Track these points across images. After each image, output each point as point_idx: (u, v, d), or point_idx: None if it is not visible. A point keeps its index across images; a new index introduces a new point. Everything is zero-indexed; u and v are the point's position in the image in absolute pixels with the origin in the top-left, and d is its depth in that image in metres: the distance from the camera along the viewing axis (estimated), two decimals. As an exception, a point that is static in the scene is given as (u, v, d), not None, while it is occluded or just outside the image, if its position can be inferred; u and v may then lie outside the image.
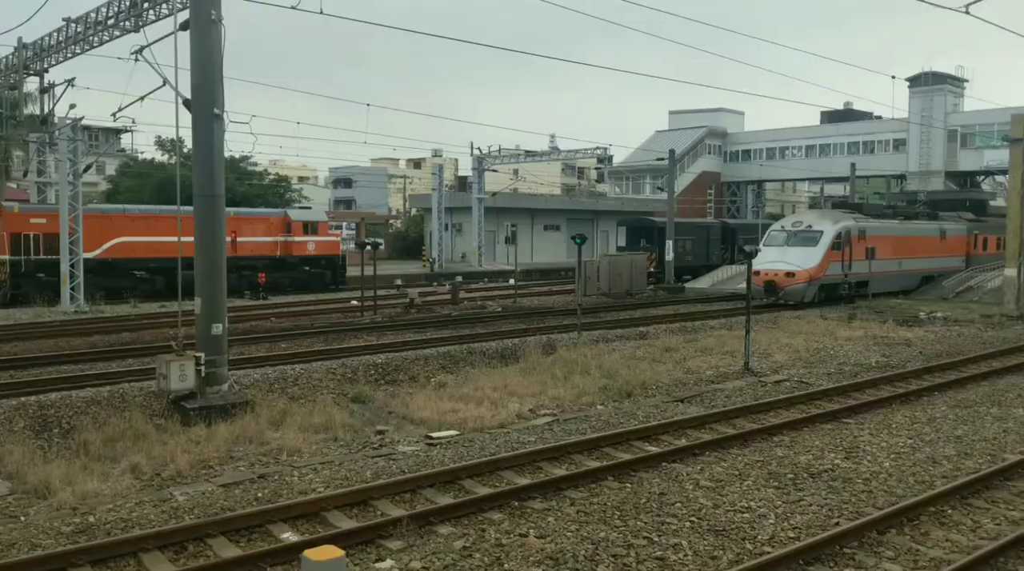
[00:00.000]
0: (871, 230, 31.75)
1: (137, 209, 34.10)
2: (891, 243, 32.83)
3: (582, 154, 50.50)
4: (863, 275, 31.02)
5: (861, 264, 30.71)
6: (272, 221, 36.42)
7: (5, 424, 11.46)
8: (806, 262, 28.58)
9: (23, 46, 21.78)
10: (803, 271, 28.52)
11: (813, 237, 29.48)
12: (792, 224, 31.38)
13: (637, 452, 10.87)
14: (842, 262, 29.89)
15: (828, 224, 30.27)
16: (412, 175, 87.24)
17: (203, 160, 13.31)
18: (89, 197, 37.79)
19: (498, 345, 18.67)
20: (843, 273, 30.05)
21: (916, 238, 34.91)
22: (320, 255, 37.21)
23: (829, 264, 29.35)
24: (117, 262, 31.22)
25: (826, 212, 34.54)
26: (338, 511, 8.56)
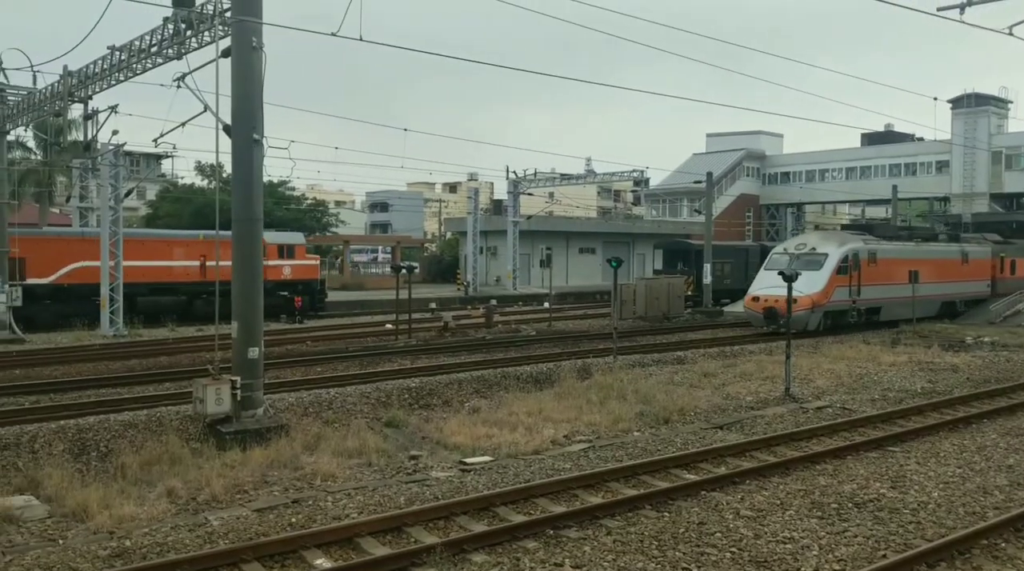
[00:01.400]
0: (883, 252, 29.64)
1: (96, 232, 31.08)
2: (905, 266, 30.31)
3: (618, 177, 50.39)
4: (874, 301, 29.01)
5: (871, 289, 28.62)
6: None
7: (45, 447, 11.58)
8: (809, 287, 26.20)
9: (68, 74, 22.31)
10: (805, 297, 26.07)
11: (817, 260, 27.36)
12: (795, 246, 29.31)
13: (675, 480, 10.65)
14: (849, 287, 27.70)
15: (833, 246, 28.24)
16: (448, 199, 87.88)
17: (242, 185, 13.46)
18: (130, 222, 38.30)
19: (532, 369, 18.52)
20: (851, 299, 27.87)
21: (934, 261, 32.47)
22: (296, 280, 34.92)
23: (835, 289, 27.22)
24: (75, 288, 29.26)
25: (831, 233, 32.62)
26: (371, 537, 8.49)
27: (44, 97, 24.19)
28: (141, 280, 29.97)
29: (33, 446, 11.59)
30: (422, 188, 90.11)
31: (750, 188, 69.44)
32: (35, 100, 24.72)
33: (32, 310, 27.81)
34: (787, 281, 18.43)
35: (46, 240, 29.85)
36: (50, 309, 28.51)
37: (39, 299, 28.37)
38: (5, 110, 25.81)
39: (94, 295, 28.83)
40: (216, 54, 13.68)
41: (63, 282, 29.32)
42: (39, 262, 28.37)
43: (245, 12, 13.21)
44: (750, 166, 69.62)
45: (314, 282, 36.29)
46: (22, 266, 27.84)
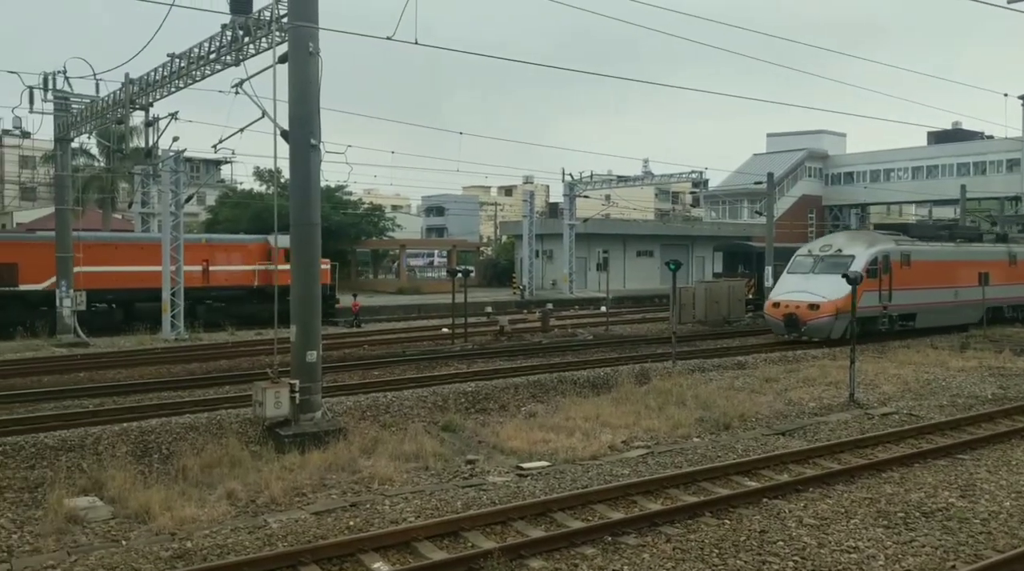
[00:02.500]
0: (917, 254, 27.36)
1: (94, 236, 31.36)
2: (944, 269, 28.15)
3: (676, 178, 49.67)
4: (908, 307, 26.69)
5: (905, 294, 26.37)
6: (251, 248, 33.13)
7: (108, 449, 11.83)
8: (833, 292, 24.10)
9: (130, 81, 22.83)
10: (828, 302, 24.25)
11: (843, 263, 25.08)
12: (820, 248, 27.09)
13: (736, 487, 10.42)
14: (879, 292, 25.46)
15: (861, 247, 26.08)
16: (503, 202, 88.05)
17: (300, 190, 13.59)
18: (190, 227, 38.98)
19: (589, 374, 18.32)
20: (881, 305, 25.62)
21: (977, 263, 29.81)
22: None
23: (862, 294, 24.16)
24: None
25: (860, 233, 30.23)
26: (429, 542, 8.46)
27: (107, 105, 24.79)
28: (142, 286, 29.14)
29: (97, 448, 11.86)
30: (477, 191, 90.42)
31: (812, 189, 68.00)
32: (98, 108, 25.30)
33: (25, 316, 27.10)
34: (851, 283, 17.73)
35: (40, 245, 28.66)
36: (45, 316, 27.46)
37: (33, 306, 27.54)
38: (69, 118, 26.52)
39: (91, 301, 28.16)
40: (273, 60, 13.88)
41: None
42: (32, 268, 27.48)
43: (302, 17, 13.35)
44: (812, 166, 68.18)
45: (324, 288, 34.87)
46: (14, 272, 27.13)
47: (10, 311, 27.30)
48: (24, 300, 27.70)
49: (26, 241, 29.51)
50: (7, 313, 27.25)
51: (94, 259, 28.52)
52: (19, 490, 10.44)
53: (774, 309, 25.74)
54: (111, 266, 29.24)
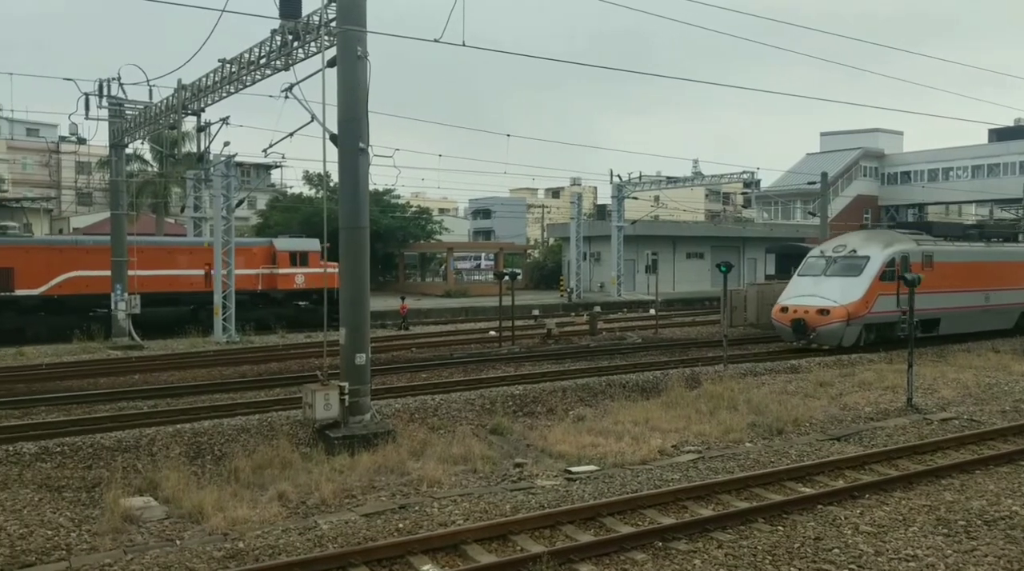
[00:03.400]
0: (940, 255, 25.31)
1: (92, 240, 30.95)
2: (971, 271, 26.03)
3: (727, 179, 48.97)
4: (930, 311, 24.45)
5: (927, 298, 23.66)
6: (255, 251, 32.48)
7: (163, 450, 12.06)
8: (845, 296, 22.70)
9: (182, 87, 23.25)
10: (839, 307, 22.61)
11: (856, 264, 23.53)
12: (834, 248, 25.12)
13: (789, 493, 10.19)
14: (898, 296, 23.34)
15: (876, 248, 24.13)
16: (550, 204, 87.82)
17: (349, 193, 13.68)
18: (241, 231, 39.52)
19: (638, 378, 18.12)
20: (899, 309, 23.34)
21: (1009, 265, 27.71)
22: (310, 289, 32.69)
23: (877, 298, 23.25)
24: (67, 299, 28.09)
25: (877, 233, 27.95)
26: (477, 544, 8.44)
27: (159, 110, 25.24)
28: (138, 290, 28.54)
29: (152, 449, 12.10)
30: (524, 194, 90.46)
31: (868, 189, 66.50)
32: (151, 114, 25.75)
33: (21, 322, 26.92)
34: (908, 285, 17.04)
35: (36, 249, 28.40)
36: (42, 321, 27.34)
37: (29, 311, 27.25)
38: (123, 124, 27.05)
39: (87, 306, 28.06)
40: (322, 64, 13.94)
41: (54, 293, 27.96)
42: (29, 272, 27.17)
43: (350, 21, 13.44)
44: (868, 165, 66.68)
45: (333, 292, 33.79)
46: (10, 277, 26.59)
47: (5, 317, 26.67)
48: (19, 305, 27.12)
49: (22, 245, 28.67)
50: (2, 319, 26.65)
51: (92, 264, 28.33)
52: (77, 489, 10.69)
53: (782, 314, 23.91)
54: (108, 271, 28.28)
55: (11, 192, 60.10)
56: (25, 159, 68.60)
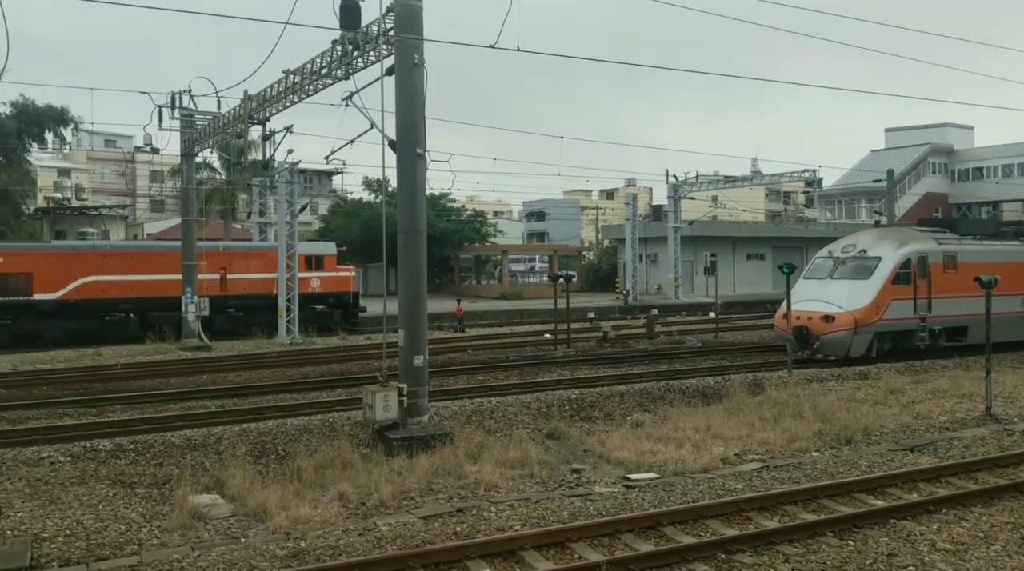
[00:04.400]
0: (967, 255, 23.15)
1: (109, 245, 31.65)
2: (1004, 273, 23.32)
3: (788, 177, 47.95)
4: (953, 318, 22.42)
5: (949, 303, 22.17)
6: (270, 256, 31.66)
7: (229, 449, 12.32)
8: (852, 301, 20.75)
9: (248, 98, 23.90)
10: (846, 314, 20.69)
11: (866, 266, 21.57)
12: (842, 248, 23.03)
13: (860, 506, 9.84)
14: (914, 300, 21.58)
15: (889, 247, 22.13)
16: (605, 206, 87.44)
17: (406, 197, 13.80)
18: (304, 235, 40.26)
19: (698, 383, 17.80)
20: (916, 315, 21.71)
21: None
22: (327, 293, 32.45)
23: (889, 303, 21.27)
24: (83, 303, 28.31)
25: (892, 231, 25.70)
26: (535, 551, 8.37)
27: (227, 120, 26.06)
28: (152, 294, 29.23)
29: (219, 447, 12.37)
30: (578, 195, 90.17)
31: (937, 186, 64.35)
32: (219, 124, 26.66)
33: (40, 326, 27.11)
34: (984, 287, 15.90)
35: (54, 254, 28.68)
36: (59, 326, 27.56)
37: (47, 315, 27.43)
38: (194, 134, 27.99)
39: (103, 311, 28.35)
40: (381, 72, 14.18)
41: (71, 298, 28.14)
42: (46, 277, 27.41)
43: (407, 30, 13.58)
44: (936, 162, 64.53)
45: (346, 295, 33.50)
46: (28, 282, 26.83)
47: (23, 321, 27.08)
48: (37, 310, 27.30)
49: (41, 250, 29.07)
50: (20, 323, 27.11)
51: (109, 268, 28.74)
52: (148, 486, 10.98)
53: (784, 321, 21.70)
54: (126, 275, 29.19)
55: (90, 200, 62.53)
56: (103, 169, 71.43)
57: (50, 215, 44.79)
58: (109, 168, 72.09)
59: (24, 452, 11.74)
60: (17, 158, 39.62)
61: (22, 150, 40.16)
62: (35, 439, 13.08)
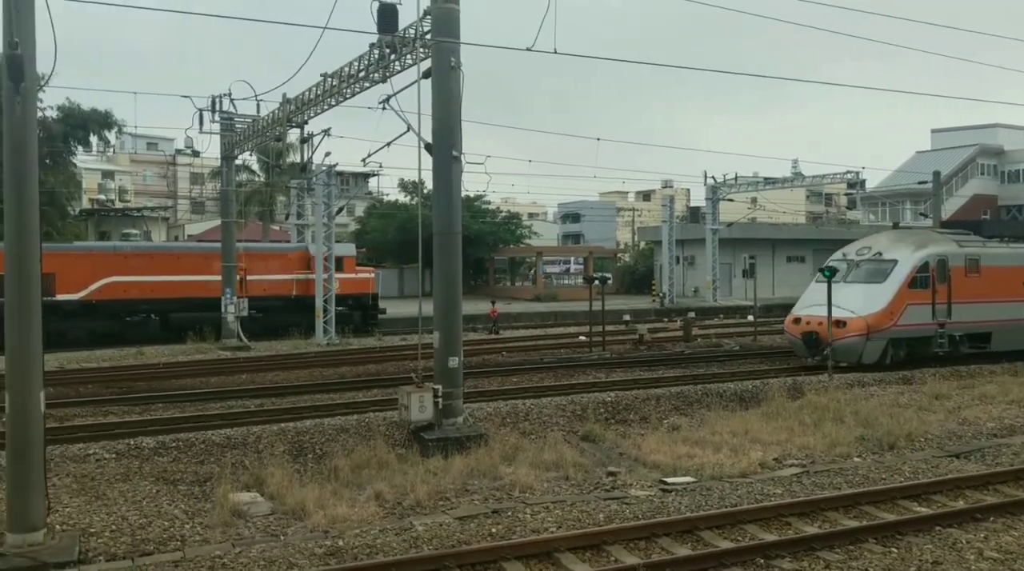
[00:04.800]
0: (990, 258, 22.16)
1: (130, 246, 31.65)
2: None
3: (830, 179, 47.19)
4: (975, 324, 21.59)
5: (971, 309, 21.33)
6: (290, 257, 32.11)
7: (268, 448, 12.48)
8: (866, 306, 19.86)
9: (287, 101, 24.18)
10: (857, 319, 19.87)
11: (881, 269, 20.73)
12: (857, 251, 22.28)
13: (903, 512, 9.67)
14: (933, 306, 20.79)
15: (906, 250, 21.26)
16: (641, 207, 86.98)
17: (442, 200, 13.87)
18: (340, 237, 40.66)
19: (736, 387, 17.59)
20: (934, 321, 20.89)
21: None
22: (346, 294, 31.74)
23: (905, 308, 20.39)
24: (105, 304, 28.40)
25: (910, 232, 24.54)
26: (570, 553, 8.36)
27: (266, 124, 26.36)
28: (172, 295, 29.36)
29: (258, 446, 12.53)
30: (614, 197, 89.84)
31: (986, 188, 62.77)
32: (259, 127, 26.96)
33: (63, 326, 26.79)
34: None
35: (76, 255, 28.65)
36: (81, 326, 27.58)
37: (69, 315, 27.40)
38: (233, 137, 28.42)
39: (125, 312, 28.53)
40: (418, 75, 14.26)
41: (93, 298, 28.31)
42: (69, 278, 27.34)
43: (444, 33, 13.63)
44: (985, 163, 62.95)
45: (365, 297, 33.45)
46: (51, 282, 26.39)
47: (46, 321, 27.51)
48: (60, 310, 26.96)
49: (63, 251, 28.82)
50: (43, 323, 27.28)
51: (130, 269, 28.88)
52: (191, 483, 11.17)
53: (794, 326, 21.21)
54: (146, 276, 29.36)
55: (133, 201, 63.89)
56: (145, 171, 72.93)
57: (95, 217, 45.91)
58: (151, 170, 73.57)
59: (71, 449, 12.01)
60: (63, 161, 40.57)
61: (68, 153, 41.13)
62: (81, 436, 13.37)
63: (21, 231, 8.70)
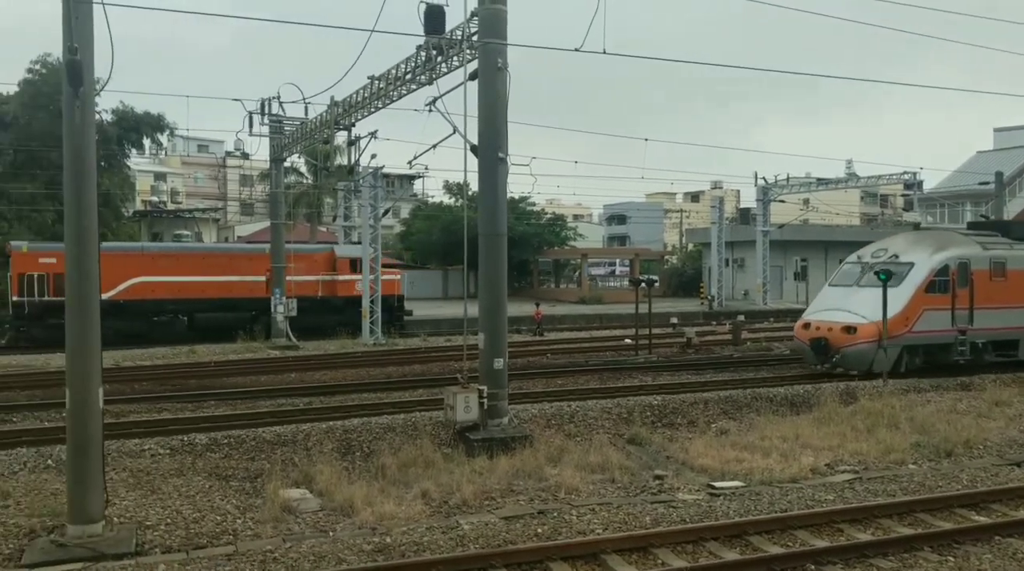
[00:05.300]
0: (1017, 261, 20.94)
1: (157, 247, 32.30)
2: None
3: (885, 180, 46.17)
4: (1001, 331, 20.43)
5: (995, 315, 20.15)
6: (316, 258, 32.26)
7: (317, 445, 12.65)
8: (878, 311, 18.65)
9: (335, 104, 24.48)
10: (869, 324, 18.86)
11: (897, 273, 19.57)
12: (872, 253, 21.27)
13: (961, 521, 9.45)
14: (952, 311, 19.75)
15: (924, 252, 20.23)
16: (689, 209, 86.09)
17: (488, 201, 13.90)
18: (386, 239, 41.00)
19: (787, 391, 17.28)
20: (954, 328, 19.83)
21: None
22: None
23: (921, 314, 19.41)
24: (133, 304, 28.69)
25: (929, 234, 23.17)
26: (617, 555, 8.33)
27: (314, 126, 26.77)
28: (199, 296, 29.60)
29: (307, 444, 12.71)
30: (662, 198, 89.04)
31: (1053, 187, 60.71)
32: (307, 129, 27.41)
33: None
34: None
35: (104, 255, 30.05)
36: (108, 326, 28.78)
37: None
38: (282, 139, 28.92)
39: (153, 312, 28.90)
40: (464, 77, 14.25)
41: (120, 298, 28.51)
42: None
43: (491, 34, 13.66)
44: (1051, 162, 60.85)
45: (391, 298, 33.04)
46: None
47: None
48: None
49: None
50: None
51: (157, 269, 29.30)
52: (242, 479, 11.37)
53: (803, 331, 20.43)
54: (173, 277, 29.67)
55: (184, 203, 65.35)
56: (196, 173, 74.55)
57: (147, 218, 47.00)
58: (202, 172, 75.20)
59: (127, 444, 12.31)
60: (117, 163, 41.50)
61: (122, 155, 42.08)
62: (137, 432, 13.70)
63: (80, 233, 8.91)
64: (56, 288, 27.60)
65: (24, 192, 36.72)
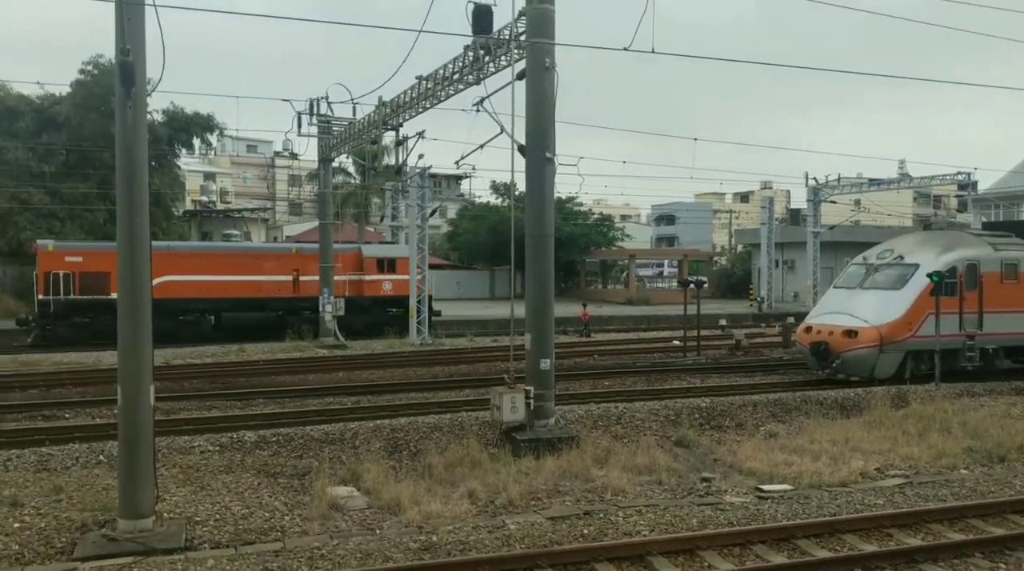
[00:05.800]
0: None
1: (184, 246, 32.54)
2: None
3: (939, 180, 45.01)
4: (1013, 336, 19.68)
5: (1006, 319, 19.47)
6: (344, 258, 31.91)
7: (364, 444, 12.82)
8: (880, 314, 18.26)
9: (383, 104, 24.70)
10: (870, 328, 18.28)
11: (901, 274, 19.08)
12: (878, 254, 20.51)
13: (1014, 528, 9.23)
14: (960, 314, 19.03)
15: (930, 254, 19.50)
16: (738, 209, 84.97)
17: (535, 202, 13.93)
18: (433, 239, 41.20)
19: (837, 394, 16.98)
20: (962, 332, 19.13)
21: None
22: (400, 296, 31.62)
23: (926, 317, 18.49)
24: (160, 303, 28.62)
25: (938, 234, 21.89)
26: (663, 557, 8.32)
27: (362, 126, 27.00)
28: (225, 295, 29.77)
29: (355, 442, 12.89)
30: (711, 198, 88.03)
31: (1112, 188, 58.47)
32: (355, 130, 27.62)
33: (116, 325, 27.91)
34: None
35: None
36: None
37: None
38: (330, 139, 29.27)
39: (179, 311, 28.96)
40: (512, 77, 14.31)
41: None
42: None
43: (539, 34, 13.68)
44: (1113, 162, 58.67)
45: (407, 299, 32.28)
46: (107, 281, 26.75)
47: (101, 319, 27.42)
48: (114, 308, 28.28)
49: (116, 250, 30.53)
50: (98, 321, 27.58)
51: (183, 268, 29.33)
52: (290, 476, 11.58)
53: (805, 335, 19.75)
54: (199, 276, 29.78)
55: (233, 202, 66.64)
56: (245, 173, 75.97)
57: (197, 217, 48.00)
58: (251, 172, 76.61)
59: (177, 440, 12.59)
60: (167, 163, 42.32)
61: (172, 155, 42.93)
62: (186, 429, 14.01)
63: (133, 233, 9.06)
64: (82, 287, 28.15)
65: (76, 192, 37.75)
